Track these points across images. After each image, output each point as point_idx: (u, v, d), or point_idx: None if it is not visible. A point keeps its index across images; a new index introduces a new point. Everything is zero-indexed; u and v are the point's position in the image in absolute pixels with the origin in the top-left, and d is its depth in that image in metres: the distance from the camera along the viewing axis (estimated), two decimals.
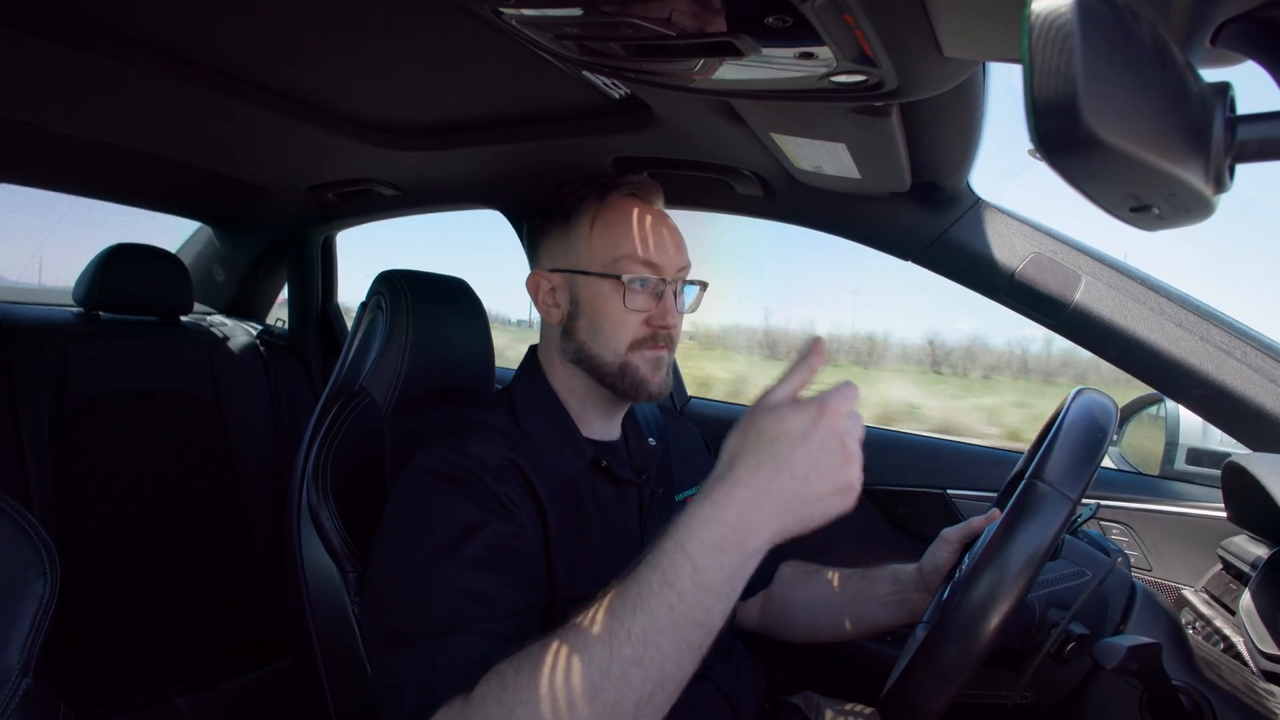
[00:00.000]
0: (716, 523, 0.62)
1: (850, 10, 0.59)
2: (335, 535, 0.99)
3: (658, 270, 0.94)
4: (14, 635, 0.58)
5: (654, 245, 0.94)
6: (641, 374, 0.94)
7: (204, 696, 1.57)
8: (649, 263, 0.94)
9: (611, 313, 0.93)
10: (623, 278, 0.92)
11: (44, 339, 1.67)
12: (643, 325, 0.94)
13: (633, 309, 0.93)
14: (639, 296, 0.93)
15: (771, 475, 0.63)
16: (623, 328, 0.94)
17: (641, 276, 0.93)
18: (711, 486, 0.65)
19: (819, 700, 1.14)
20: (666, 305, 0.94)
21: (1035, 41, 0.30)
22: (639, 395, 0.95)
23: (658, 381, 0.95)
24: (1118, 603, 0.83)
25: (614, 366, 0.94)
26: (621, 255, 0.93)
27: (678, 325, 0.97)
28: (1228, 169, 0.36)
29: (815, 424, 0.63)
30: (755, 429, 0.66)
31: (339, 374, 1.13)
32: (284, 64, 1.05)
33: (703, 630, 0.63)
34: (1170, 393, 1.10)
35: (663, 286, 0.94)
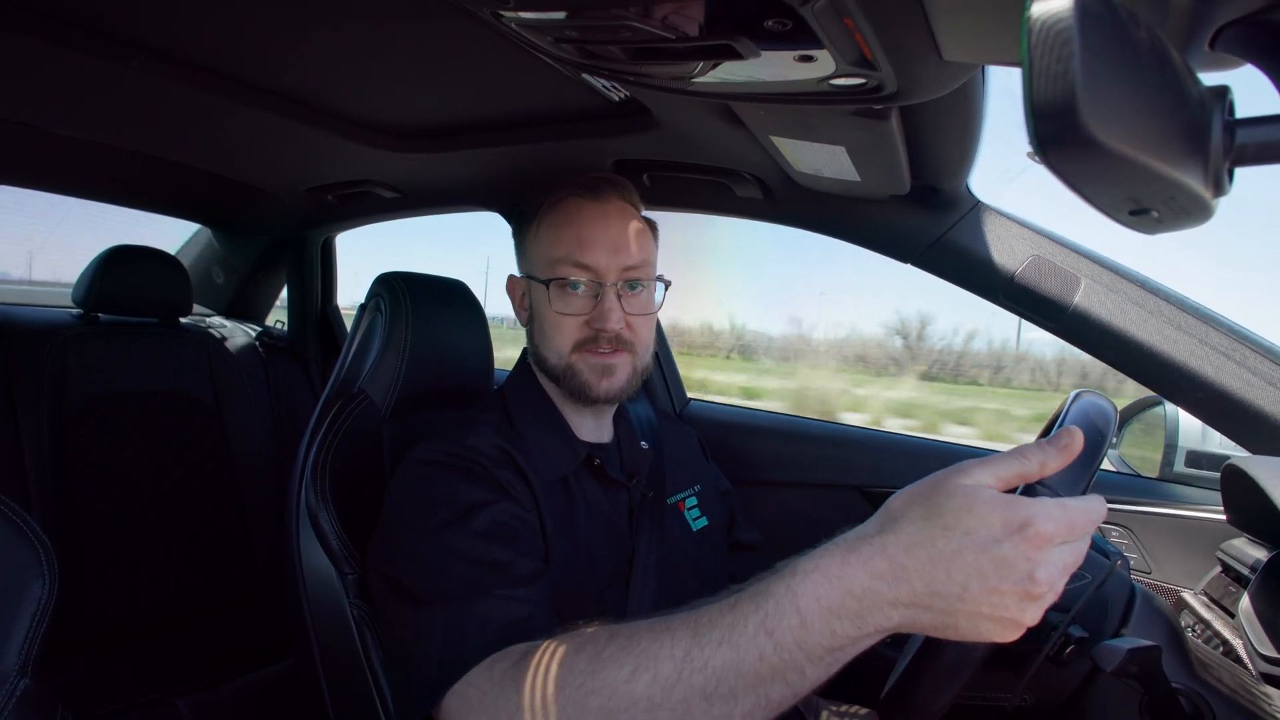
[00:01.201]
0: (841, 585, 0.53)
1: (850, 13, 0.59)
2: (334, 537, 0.99)
3: (594, 272, 0.93)
4: (12, 636, 0.58)
5: (589, 246, 0.92)
6: (584, 378, 0.94)
7: (203, 698, 1.57)
8: (580, 265, 0.92)
9: (549, 316, 0.94)
10: (550, 281, 0.93)
11: (43, 341, 1.67)
12: (583, 327, 0.94)
13: (564, 312, 0.93)
14: (572, 299, 0.93)
15: (926, 564, 0.52)
16: (560, 330, 0.94)
17: (572, 279, 0.93)
18: (853, 542, 0.55)
19: (817, 701, 1.14)
20: (603, 307, 0.92)
21: (1034, 45, 0.30)
22: (585, 399, 0.95)
23: (604, 387, 0.94)
24: (1117, 605, 0.82)
25: (559, 369, 0.95)
26: (555, 258, 0.93)
27: (618, 328, 0.93)
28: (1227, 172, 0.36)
29: (1008, 536, 0.50)
30: (931, 502, 0.53)
31: (338, 375, 1.13)
32: (284, 66, 1.05)
33: (790, 691, 0.56)
34: (1169, 395, 1.10)
35: (599, 288, 0.93)
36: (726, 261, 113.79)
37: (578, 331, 0.93)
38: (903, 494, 0.56)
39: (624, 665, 0.57)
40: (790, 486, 1.58)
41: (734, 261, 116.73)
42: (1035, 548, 0.50)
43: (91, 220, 2.08)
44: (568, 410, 1.00)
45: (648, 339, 0.98)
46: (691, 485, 1.11)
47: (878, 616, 0.53)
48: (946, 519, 0.52)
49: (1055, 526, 0.50)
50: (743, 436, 1.65)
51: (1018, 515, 0.50)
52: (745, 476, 1.51)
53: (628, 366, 0.95)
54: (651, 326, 1.00)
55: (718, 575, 1.07)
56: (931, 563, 0.51)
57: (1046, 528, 0.50)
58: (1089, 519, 0.52)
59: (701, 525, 1.08)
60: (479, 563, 0.74)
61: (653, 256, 0.99)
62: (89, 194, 1.97)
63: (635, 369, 0.97)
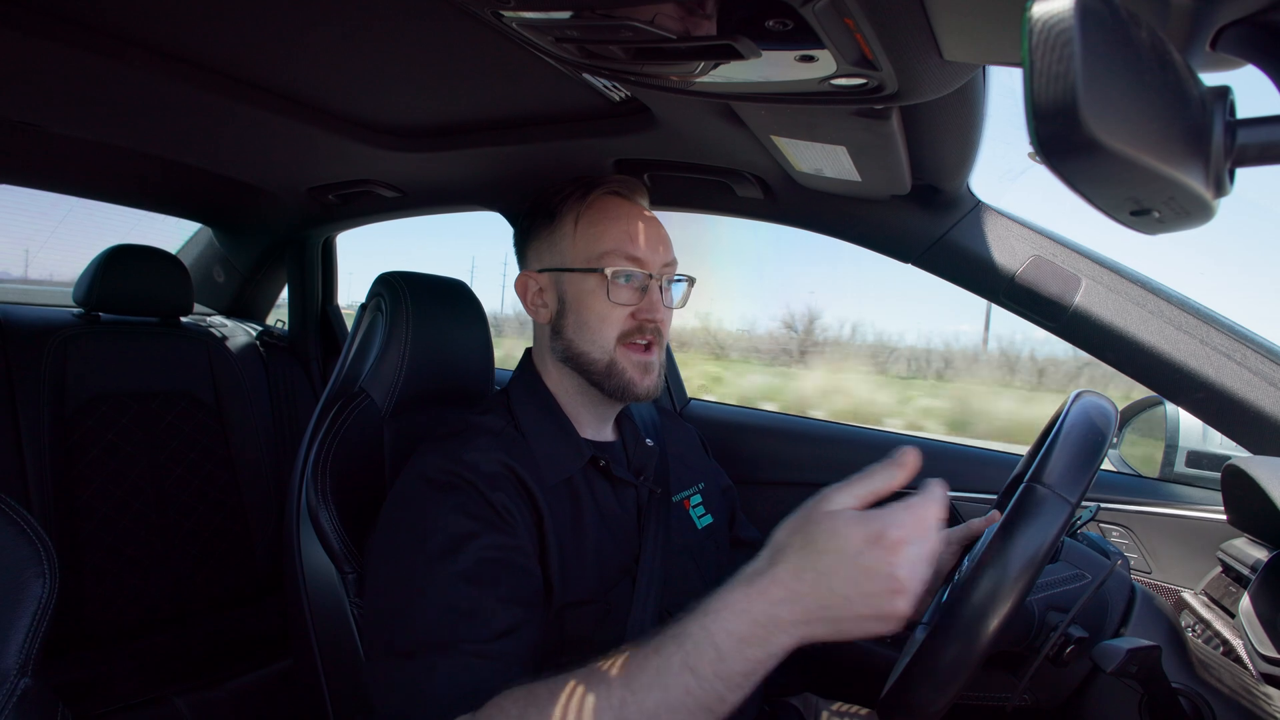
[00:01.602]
0: (748, 616, 0.61)
1: (851, 14, 0.59)
2: (334, 536, 0.99)
3: (642, 264, 0.95)
4: (12, 635, 0.58)
5: (637, 240, 0.96)
6: (629, 376, 0.95)
7: (203, 697, 1.57)
8: (632, 257, 0.95)
9: (597, 307, 0.95)
10: (606, 271, 0.94)
11: (44, 339, 1.67)
12: (628, 319, 0.95)
13: (617, 302, 0.94)
14: (623, 290, 0.95)
15: (811, 585, 0.60)
16: (608, 322, 0.95)
17: (626, 270, 0.94)
18: (750, 576, 0.63)
19: (817, 702, 1.14)
20: (652, 298, 0.95)
21: (1035, 45, 0.30)
22: (626, 396, 0.96)
23: (646, 385, 0.96)
24: (1117, 605, 0.82)
25: (602, 364, 0.95)
26: (605, 250, 0.95)
27: (665, 320, 0.98)
28: (1228, 173, 0.36)
29: (870, 548, 0.59)
30: (806, 531, 0.63)
31: (339, 375, 1.13)
32: (285, 65, 1.05)
33: (713, 717, 0.62)
34: (1170, 395, 1.10)
35: (647, 281, 0.96)
36: None
37: (623, 323, 0.95)
38: (783, 527, 0.65)
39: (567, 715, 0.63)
40: (789, 486, 1.58)
41: None
42: (892, 552, 0.59)
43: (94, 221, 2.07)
44: (574, 409, 0.99)
45: (668, 335, 1.02)
46: (696, 483, 1.12)
47: (780, 637, 0.61)
48: (820, 543, 0.61)
49: (904, 530, 0.60)
50: (742, 436, 1.66)
51: (872, 528, 0.60)
52: (744, 476, 1.51)
53: (658, 363, 0.98)
54: (670, 324, 1.03)
55: (721, 573, 1.07)
56: (816, 582, 0.60)
57: (897, 534, 0.59)
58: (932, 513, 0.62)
59: (706, 523, 1.08)
60: (455, 609, 0.75)
61: None
62: (90, 193, 1.97)
63: (662, 364, 0.99)
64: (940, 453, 1.53)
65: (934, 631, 0.71)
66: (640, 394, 0.96)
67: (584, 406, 1.00)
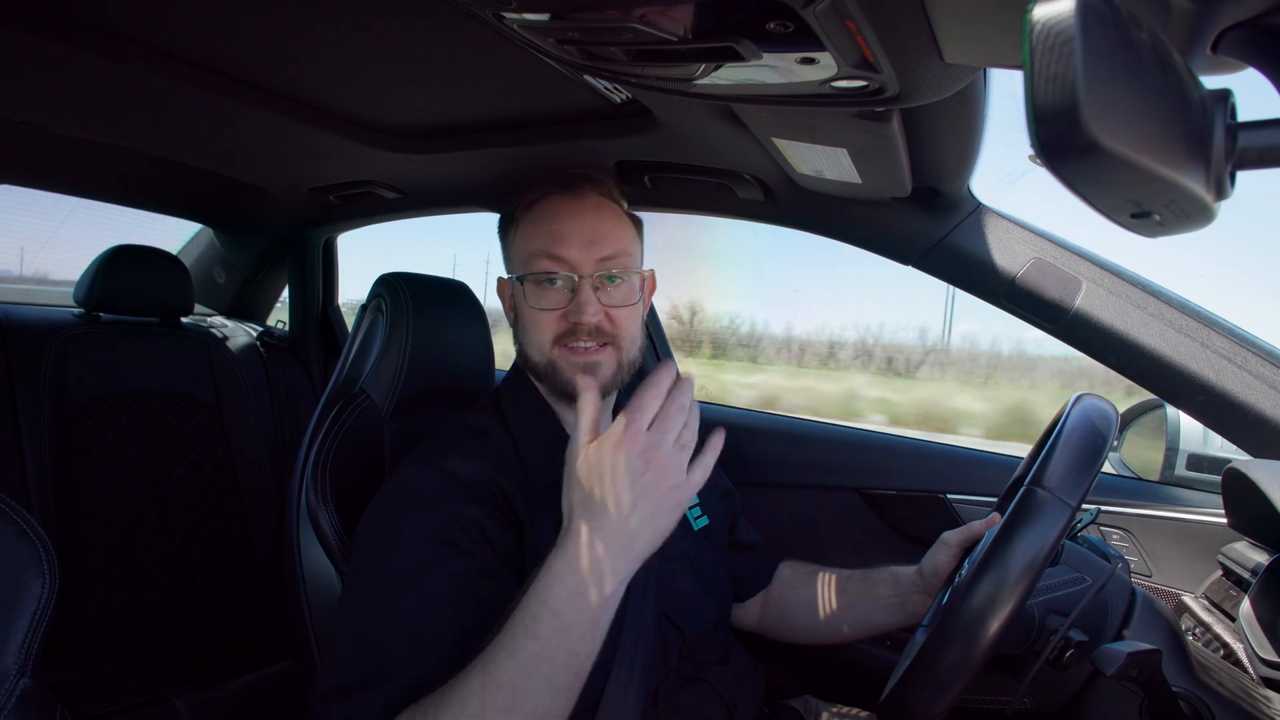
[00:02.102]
0: (570, 571, 0.68)
1: (852, 16, 0.59)
2: (334, 537, 0.99)
3: (568, 265, 0.92)
4: (12, 636, 0.58)
5: (563, 240, 0.92)
6: (565, 376, 0.93)
7: (203, 698, 1.57)
8: (555, 257, 0.92)
9: (526, 312, 0.95)
10: (525, 277, 0.94)
11: (44, 340, 1.67)
12: (561, 321, 0.93)
13: (540, 307, 0.93)
14: (548, 294, 0.93)
15: (600, 516, 0.69)
16: (538, 326, 0.94)
17: (547, 273, 0.92)
18: (561, 539, 0.71)
19: (818, 704, 1.14)
20: (579, 300, 0.92)
21: (1036, 47, 0.30)
22: (569, 394, 0.93)
23: None
24: (1117, 609, 0.82)
25: (541, 366, 0.95)
26: (531, 253, 0.94)
27: (608, 318, 0.93)
28: (1228, 176, 0.36)
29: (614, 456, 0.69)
30: (572, 479, 0.72)
31: (339, 376, 1.13)
32: (287, 66, 1.05)
33: (570, 671, 0.69)
34: (1171, 398, 1.10)
35: (574, 281, 0.92)
36: None
37: (556, 326, 0.93)
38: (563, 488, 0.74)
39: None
40: (789, 488, 1.58)
41: None
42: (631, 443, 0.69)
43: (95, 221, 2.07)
44: (562, 409, 0.99)
45: (632, 331, 0.96)
46: None
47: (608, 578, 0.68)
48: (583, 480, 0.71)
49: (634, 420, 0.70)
50: (742, 437, 1.65)
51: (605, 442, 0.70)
52: (744, 478, 1.51)
53: (612, 361, 0.94)
54: (635, 318, 0.97)
55: (717, 575, 1.07)
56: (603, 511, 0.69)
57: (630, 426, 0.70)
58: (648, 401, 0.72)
59: (702, 524, 1.08)
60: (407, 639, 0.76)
61: (633, 248, 0.98)
62: (92, 194, 1.97)
63: (621, 363, 0.95)
64: (941, 455, 1.53)
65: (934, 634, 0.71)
66: None
67: (566, 407, 0.99)
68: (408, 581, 0.78)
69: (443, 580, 0.79)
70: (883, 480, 1.49)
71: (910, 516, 1.46)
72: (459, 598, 0.78)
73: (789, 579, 1.18)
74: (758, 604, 1.18)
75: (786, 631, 1.16)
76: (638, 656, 0.87)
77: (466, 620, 0.78)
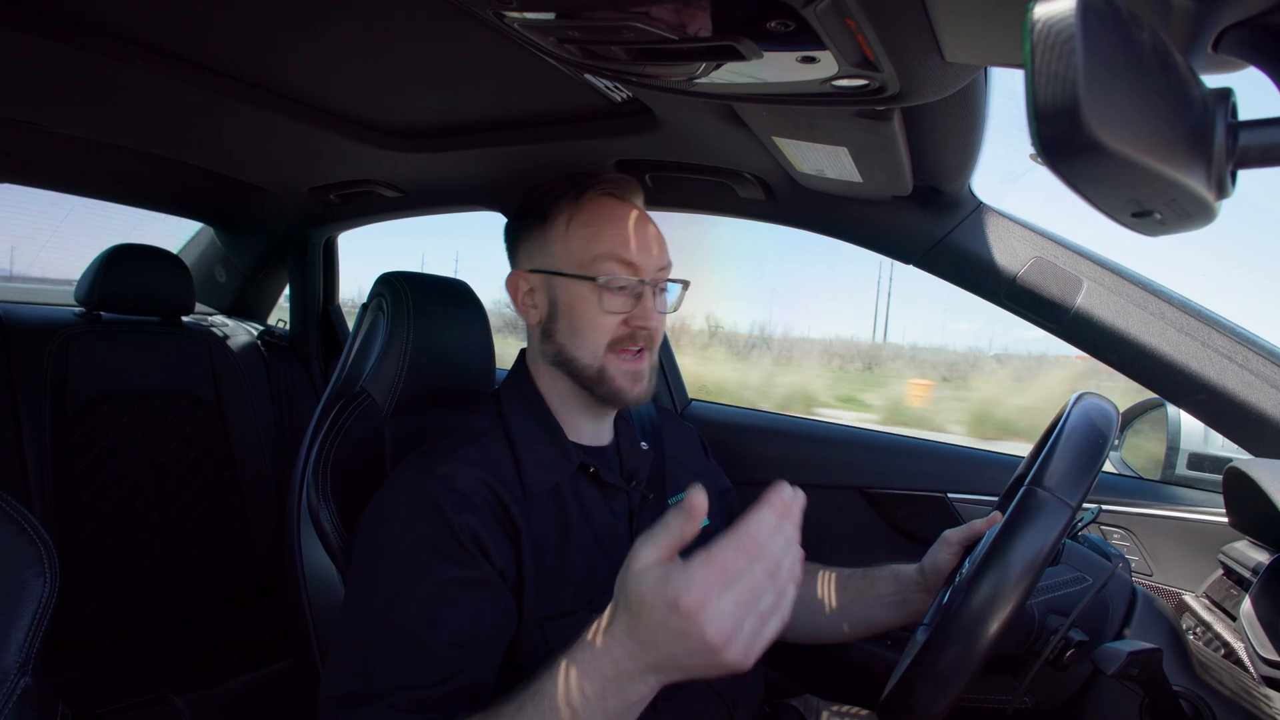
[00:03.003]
0: (596, 674, 0.62)
1: (852, 15, 0.59)
2: (335, 536, 0.99)
3: (636, 270, 0.93)
4: (13, 635, 0.58)
5: (631, 245, 0.93)
6: (618, 384, 0.93)
7: (204, 697, 1.57)
8: (626, 262, 0.92)
9: (588, 314, 0.92)
10: (598, 279, 0.91)
11: (45, 339, 1.67)
12: (620, 325, 0.93)
13: (609, 310, 0.92)
14: (616, 298, 0.92)
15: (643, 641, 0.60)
16: (599, 330, 0.92)
17: (619, 277, 0.92)
18: (595, 634, 0.64)
19: (818, 703, 1.14)
20: (645, 306, 0.93)
21: (1037, 46, 0.30)
22: (615, 403, 0.95)
23: (636, 392, 0.94)
24: (1118, 608, 0.82)
25: (592, 370, 0.93)
26: (598, 255, 0.92)
27: (658, 326, 0.95)
28: (1230, 175, 0.36)
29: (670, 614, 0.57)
30: (623, 595, 0.62)
31: (340, 375, 1.13)
32: (287, 66, 1.05)
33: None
34: (1172, 398, 1.10)
35: (641, 287, 0.93)
36: None
37: (615, 330, 0.92)
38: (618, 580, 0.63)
39: None
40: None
41: None
42: (691, 619, 0.56)
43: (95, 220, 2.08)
44: (566, 412, 0.98)
45: (661, 338, 0.98)
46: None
47: (635, 687, 0.61)
48: (633, 607, 0.60)
49: (698, 592, 0.56)
50: (743, 437, 1.65)
51: (667, 596, 0.57)
52: (745, 477, 1.51)
53: (649, 369, 0.96)
54: (664, 325, 1.00)
55: None
56: (644, 642, 0.59)
57: (690, 599, 0.56)
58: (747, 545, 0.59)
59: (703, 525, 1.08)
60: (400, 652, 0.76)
61: None
62: (92, 193, 1.98)
63: (653, 368, 0.97)
64: (941, 454, 1.53)
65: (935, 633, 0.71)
66: (629, 401, 0.94)
67: (577, 410, 0.98)
68: (396, 591, 0.78)
69: (432, 589, 0.78)
70: (884, 479, 1.49)
71: (912, 515, 1.46)
72: (449, 607, 0.78)
73: None
74: None
75: (787, 630, 1.16)
76: None
77: (459, 630, 0.78)
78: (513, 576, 0.84)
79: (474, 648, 0.78)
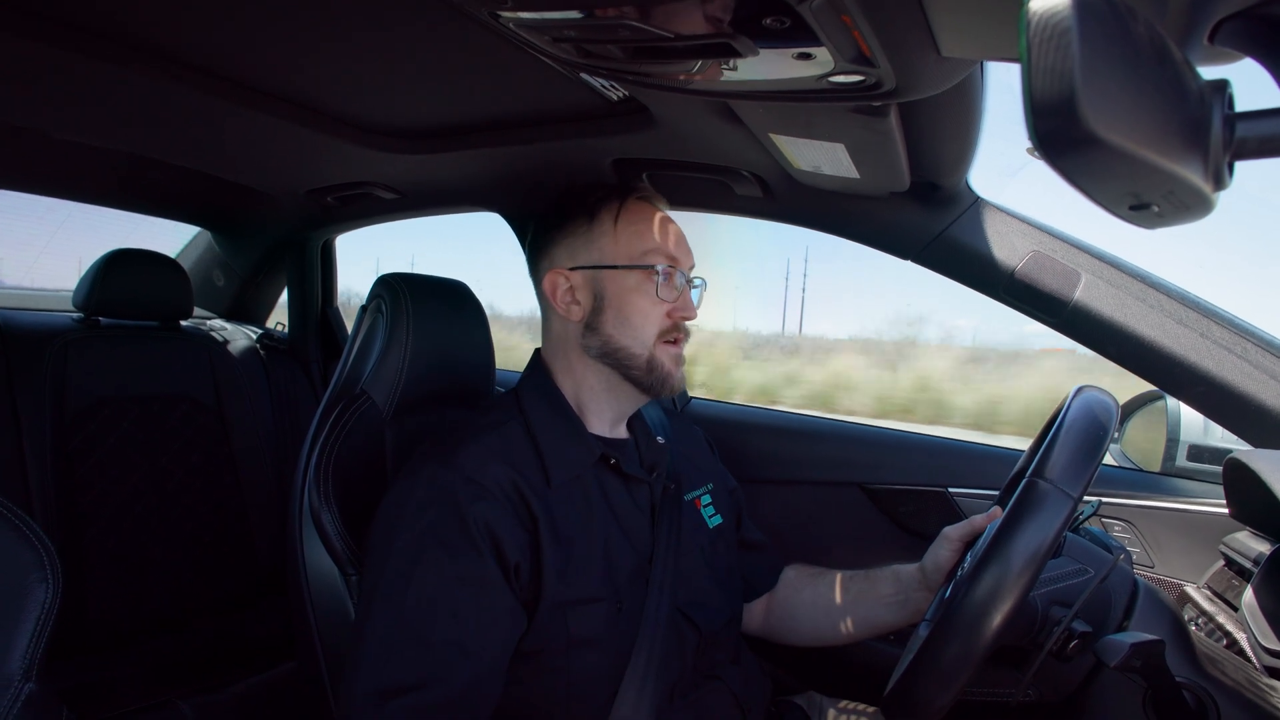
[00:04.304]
0: None
1: (848, 10, 0.59)
2: (337, 538, 0.99)
3: (679, 265, 0.99)
4: (16, 641, 0.58)
5: (676, 242, 1.00)
6: (667, 368, 0.98)
7: (207, 700, 1.57)
8: (672, 257, 0.99)
9: (641, 304, 0.97)
10: (656, 267, 0.97)
11: (44, 344, 1.67)
12: (665, 317, 0.98)
13: (663, 299, 0.97)
14: (667, 288, 0.98)
15: None
16: (650, 319, 0.97)
17: (667, 270, 0.98)
18: None
19: (822, 700, 1.14)
20: (687, 297, 1.00)
21: (1033, 40, 0.30)
22: (663, 389, 0.98)
23: (680, 376, 0.99)
24: (1120, 600, 0.82)
25: (642, 359, 0.97)
26: (649, 249, 0.98)
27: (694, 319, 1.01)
28: (1227, 166, 0.36)
29: None
30: None
31: (339, 377, 1.13)
32: (282, 68, 1.05)
33: None
34: (1171, 390, 1.10)
35: (683, 280, 0.99)
36: None
37: (662, 321, 0.98)
38: None
39: None
40: (791, 484, 1.58)
41: None
42: None
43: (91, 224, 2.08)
44: (593, 406, 1.00)
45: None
46: (705, 483, 1.12)
47: None
48: None
49: None
50: (743, 434, 1.65)
51: None
52: (746, 474, 1.51)
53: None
54: None
55: (731, 574, 1.07)
56: None
57: None
58: None
59: (716, 523, 1.09)
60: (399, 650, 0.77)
61: None
62: (89, 198, 1.97)
63: None
64: (942, 449, 1.53)
65: (937, 628, 0.71)
66: (675, 386, 0.99)
67: (608, 403, 1.00)
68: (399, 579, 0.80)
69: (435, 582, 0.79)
70: (885, 475, 1.49)
71: (913, 511, 1.46)
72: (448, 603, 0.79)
73: (792, 581, 1.18)
74: (761, 607, 1.18)
75: (790, 633, 1.16)
76: (654, 652, 0.87)
77: (455, 629, 0.79)
78: (528, 567, 0.85)
79: (467, 650, 0.79)
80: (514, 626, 0.83)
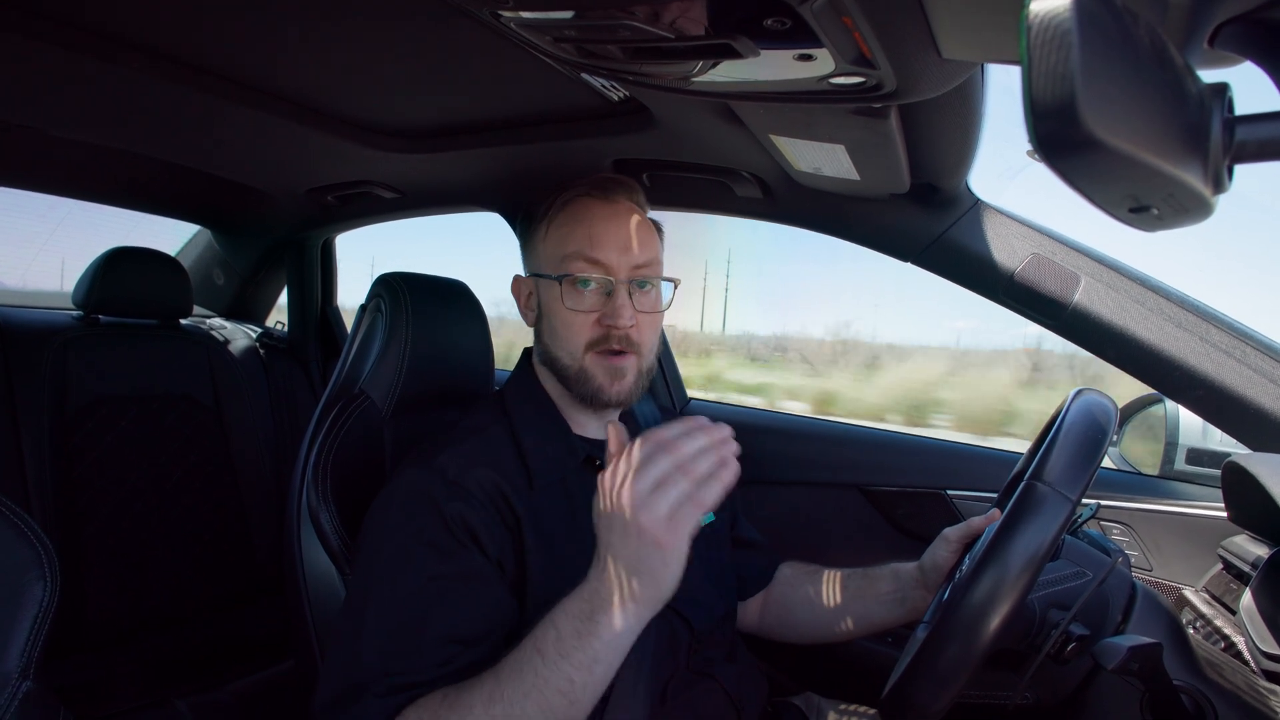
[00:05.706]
0: (577, 598, 0.71)
1: (849, 12, 0.59)
2: (335, 537, 0.99)
3: (605, 269, 0.92)
4: (14, 639, 0.58)
5: (600, 243, 0.92)
6: (598, 382, 0.93)
7: (205, 699, 1.57)
8: (593, 260, 0.92)
9: (560, 314, 0.93)
10: (562, 278, 0.92)
11: (43, 342, 1.67)
12: (594, 325, 0.93)
13: (576, 309, 0.92)
14: (584, 296, 0.93)
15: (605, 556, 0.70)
16: (572, 329, 0.93)
17: (584, 276, 0.92)
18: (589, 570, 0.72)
19: (819, 701, 1.14)
20: (615, 304, 0.92)
21: (1034, 43, 0.30)
22: (596, 402, 0.94)
23: (616, 391, 0.94)
24: (1118, 603, 0.82)
25: (572, 370, 0.94)
26: (567, 254, 0.93)
27: (636, 325, 0.93)
28: (1226, 169, 0.36)
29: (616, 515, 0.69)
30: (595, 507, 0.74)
31: (338, 376, 1.13)
32: (283, 67, 1.05)
33: (566, 700, 0.69)
34: (1170, 393, 1.10)
35: (611, 285, 0.92)
36: None
37: (590, 330, 0.93)
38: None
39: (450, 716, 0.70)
40: (790, 485, 1.58)
41: None
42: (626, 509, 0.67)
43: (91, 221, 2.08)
44: (571, 409, 0.99)
45: (652, 340, 0.97)
46: None
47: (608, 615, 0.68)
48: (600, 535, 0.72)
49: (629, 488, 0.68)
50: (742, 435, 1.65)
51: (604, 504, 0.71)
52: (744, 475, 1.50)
53: (634, 369, 0.95)
54: (657, 327, 0.99)
55: (724, 572, 1.07)
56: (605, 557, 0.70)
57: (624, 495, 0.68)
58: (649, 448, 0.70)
59: (707, 521, 1.08)
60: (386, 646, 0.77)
61: (659, 256, 0.99)
62: (89, 196, 1.97)
63: (640, 370, 0.96)
64: (940, 451, 1.53)
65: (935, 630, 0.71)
66: (610, 400, 0.94)
67: (573, 408, 0.99)
68: (387, 583, 0.80)
69: (423, 582, 0.79)
70: (884, 477, 1.49)
71: (912, 513, 1.46)
72: (439, 603, 0.79)
73: (789, 578, 1.18)
74: (757, 604, 1.18)
75: (787, 631, 1.16)
76: (646, 647, 0.87)
77: (450, 626, 0.78)
78: (512, 566, 0.85)
79: (466, 641, 0.79)
80: (508, 615, 0.83)
